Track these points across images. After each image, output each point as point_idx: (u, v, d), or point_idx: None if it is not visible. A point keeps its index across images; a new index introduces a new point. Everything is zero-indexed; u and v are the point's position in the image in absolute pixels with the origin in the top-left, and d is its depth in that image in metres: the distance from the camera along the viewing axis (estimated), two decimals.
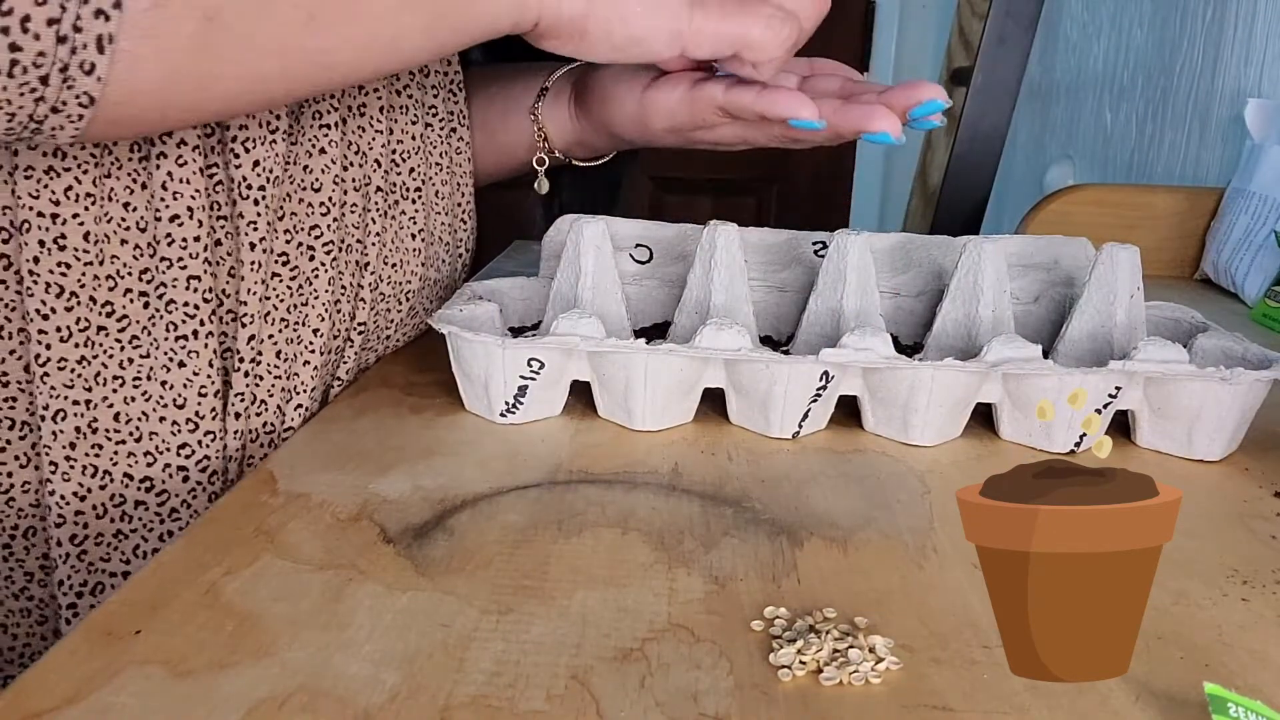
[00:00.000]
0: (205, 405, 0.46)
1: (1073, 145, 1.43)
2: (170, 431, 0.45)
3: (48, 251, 0.42)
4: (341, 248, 0.50)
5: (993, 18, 1.04)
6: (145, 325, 0.44)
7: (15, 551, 0.46)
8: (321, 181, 0.48)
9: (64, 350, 0.43)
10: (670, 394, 0.47)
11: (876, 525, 0.39)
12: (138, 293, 0.44)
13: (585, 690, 0.28)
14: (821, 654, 0.30)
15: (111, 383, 0.44)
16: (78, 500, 0.45)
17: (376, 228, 0.52)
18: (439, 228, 0.58)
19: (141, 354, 0.44)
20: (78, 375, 0.43)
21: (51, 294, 0.42)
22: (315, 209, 0.48)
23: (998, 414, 0.48)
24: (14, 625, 0.48)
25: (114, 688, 0.28)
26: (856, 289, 0.51)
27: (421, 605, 0.32)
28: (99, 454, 0.45)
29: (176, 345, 0.45)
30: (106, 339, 0.44)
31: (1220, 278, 0.85)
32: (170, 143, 0.43)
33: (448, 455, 0.44)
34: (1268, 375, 0.44)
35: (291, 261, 0.48)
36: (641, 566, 0.35)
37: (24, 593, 0.47)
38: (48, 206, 0.42)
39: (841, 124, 0.49)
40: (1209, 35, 1.09)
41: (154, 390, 0.45)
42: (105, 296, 0.43)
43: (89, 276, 0.43)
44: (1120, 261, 0.49)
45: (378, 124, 0.51)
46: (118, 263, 0.43)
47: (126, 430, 0.45)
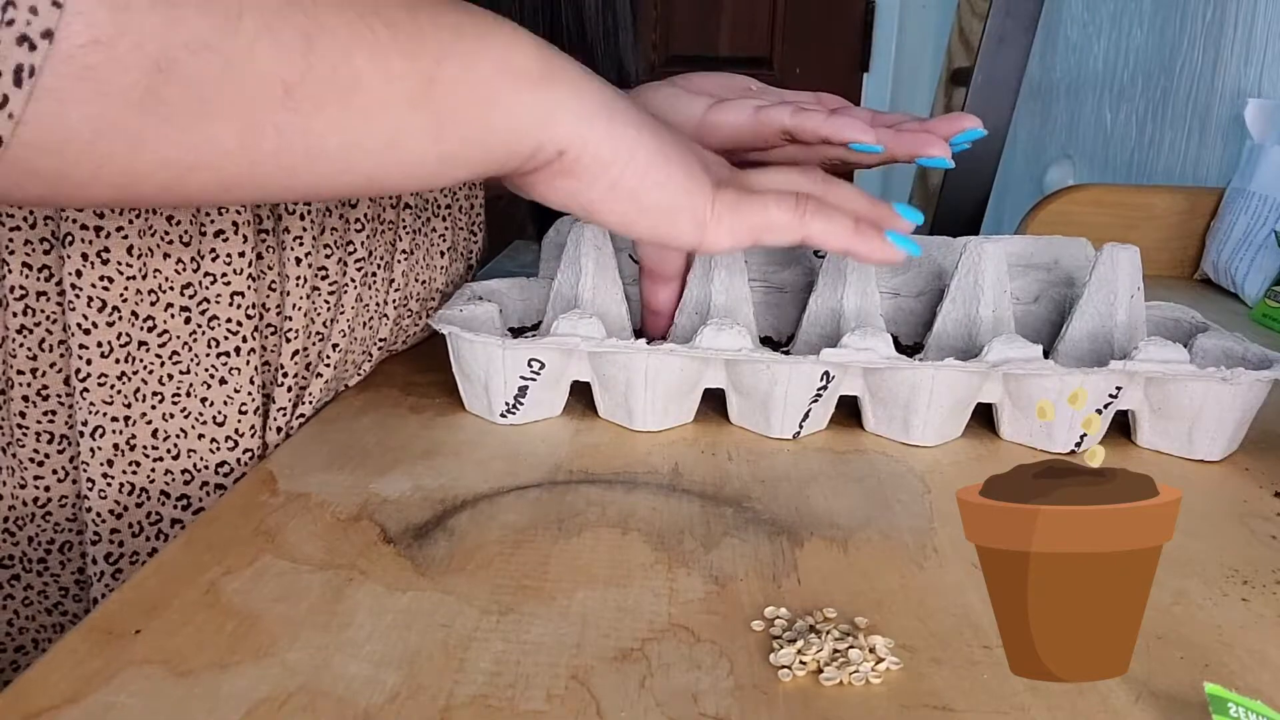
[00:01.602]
0: (245, 423, 0.45)
1: (1073, 145, 1.43)
2: (209, 449, 0.45)
3: (90, 265, 0.41)
4: (374, 264, 0.50)
5: (993, 18, 1.04)
6: (186, 341, 0.44)
7: (51, 566, 0.46)
8: (359, 198, 0.48)
9: (104, 365, 0.42)
10: (671, 394, 0.47)
11: (877, 525, 0.39)
12: (179, 308, 0.43)
13: (585, 690, 0.28)
14: (822, 654, 0.30)
15: (151, 399, 0.44)
16: (114, 518, 0.44)
17: (404, 245, 0.52)
18: (461, 243, 0.58)
19: (182, 370, 0.44)
20: (117, 391, 0.43)
21: (94, 308, 0.42)
22: (351, 225, 0.48)
23: (998, 414, 0.48)
24: (45, 641, 0.48)
25: (114, 687, 0.28)
26: (856, 289, 0.51)
27: (421, 605, 0.32)
28: (136, 471, 0.44)
29: (218, 361, 0.44)
30: (147, 354, 0.43)
31: (1220, 278, 0.85)
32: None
33: (448, 455, 0.44)
34: (1268, 375, 0.44)
35: (330, 276, 0.48)
36: (642, 566, 0.35)
37: (58, 608, 0.47)
38: (91, 219, 0.41)
39: (898, 150, 0.51)
40: (1209, 35, 1.09)
41: (193, 407, 0.44)
42: (147, 311, 0.43)
43: (131, 291, 0.42)
44: (1120, 261, 0.49)
45: None
46: (159, 277, 0.43)
47: (164, 448, 0.44)
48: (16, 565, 0.46)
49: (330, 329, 0.49)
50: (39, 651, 0.48)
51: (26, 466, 0.44)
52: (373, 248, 0.50)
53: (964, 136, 0.53)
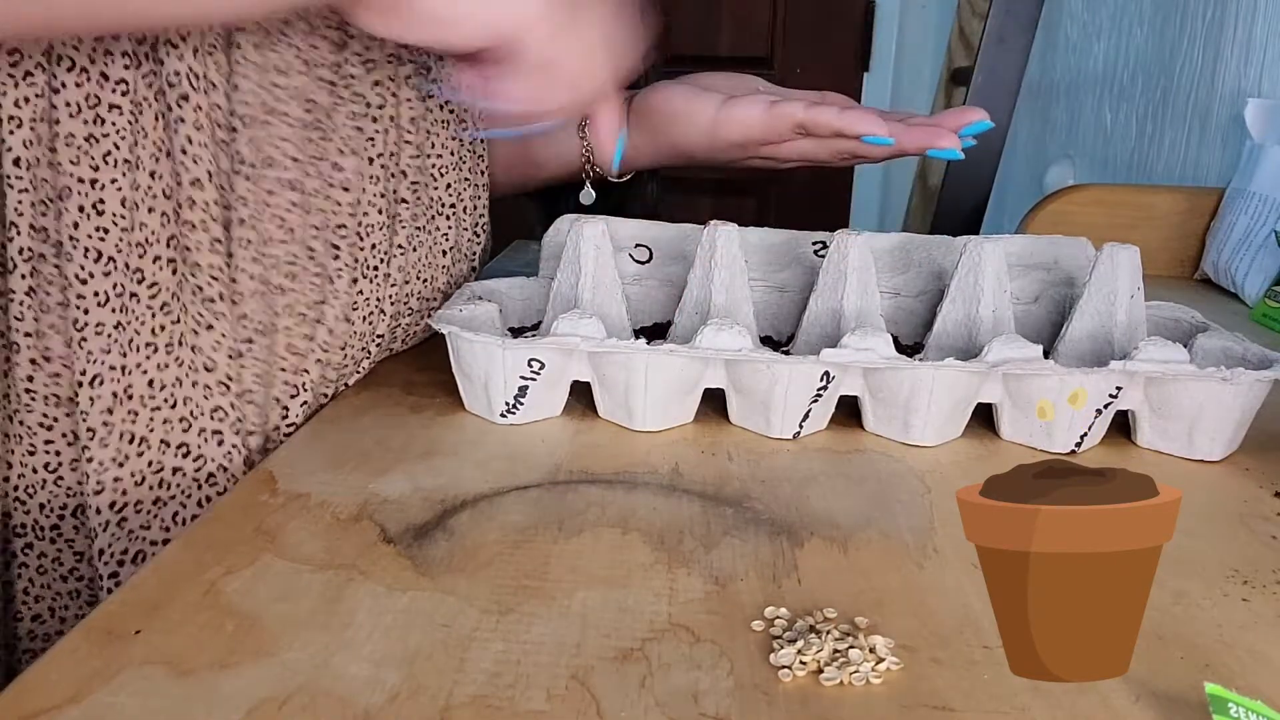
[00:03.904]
0: (234, 367, 0.47)
1: (1073, 145, 1.43)
2: (203, 395, 0.46)
3: (86, 217, 0.43)
4: (376, 255, 0.51)
5: (993, 18, 1.04)
6: (174, 291, 0.45)
7: (64, 531, 0.47)
8: (351, 182, 0.49)
9: (101, 315, 0.44)
10: (670, 394, 0.47)
11: (877, 525, 0.39)
12: (166, 259, 0.45)
13: (585, 690, 0.28)
14: (822, 654, 0.30)
15: (145, 349, 0.45)
16: (116, 466, 0.45)
17: (400, 239, 0.52)
18: (465, 244, 0.59)
19: (172, 320, 0.45)
20: (114, 340, 0.44)
21: (90, 259, 0.43)
22: (343, 208, 0.49)
23: (998, 414, 0.48)
24: (61, 609, 0.48)
25: (114, 688, 0.28)
26: (857, 289, 0.51)
27: (422, 605, 0.32)
28: (135, 420, 0.45)
29: (204, 308, 0.46)
30: (139, 306, 0.44)
31: (1220, 278, 0.85)
32: (188, 107, 0.43)
33: (448, 455, 0.44)
34: (1268, 375, 0.44)
35: (317, 257, 0.48)
36: (642, 566, 0.35)
37: (73, 573, 0.48)
38: (87, 173, 0.42)
39: (908, 142, 0.54)
40: (1209, 35, 1.09)
41: (185, 355, 0.46)
42: (137, 263, 0.44)
43: (125, 243, 0.44)
44: (1120, 261, 0.49)
45: (409, 135, 0.52)
46: (147, 229, 0.44)
47: (161, 396, 0.46)
48: (29, 533, 0.47)
49: (322, 311, 0.49)
50: (55, 619, 0.48)
51: (36, 432, 0.45)
52: (372, 239, 0.50)
53: (971, 129, 0.55)
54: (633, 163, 0.65)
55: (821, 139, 0.57)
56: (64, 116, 0.42)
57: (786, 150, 0.59)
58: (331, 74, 0.48)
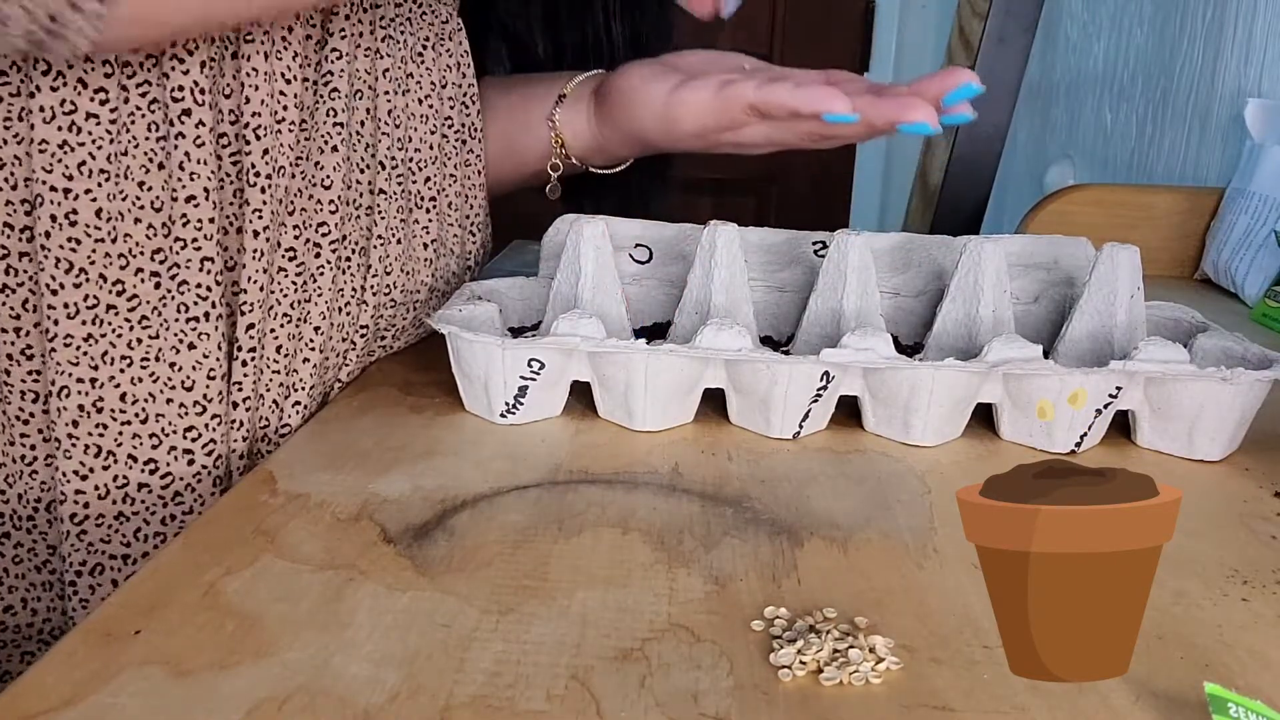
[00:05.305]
0: (214, 389, 0.46)
1: (1073, 145, 1.43)
2: (177, 414, 0.46)
3: (58, 226, 0.42)
4: (349, 248, 0.50)
5: (993, 18, 1.04)
6: (156, 306, 0.44)
7: (38, 524, 0.47)
8: (332, 179, 0.48)
9: (70, 327, 0.43)
10: (670, 394, 0.47)
11: (877, 525, 0.39)
12: (149, 273, 0.44)
13: (585, 690, 0.28)
14: (822, 654, 0.30)
15: (119, 362, 0.44)
16: (79, 479, 0.45)
17: (380, 230, 0.52)
18: (450, 239, 0.58)
19: (151, 334, 0.45)
20: (83, 353, 0.44)
21: (60, 269, 0.43)
22: (324, 206, 0.49)
23: (998, 414, 0.48)
24: (34, 600, 0.48)
25: (113, 689, 0.28)
26: (857, 289, 0.51)
27: (421, 605, 0.32)
28: (103, 433, 0.45)
29: (187, 327, 0.45)
30: (116, 318, 0.44)
31: (1220, 278, 0.85)
32: (189, 122, 0.43)
33: (448, 455, 0.44)
34: (1268, 375, 0.44)
35: (299, 257, 0.48)
36: (642, 566, 0.35)
37: (46, 565, 0.47)
38: (60, 181, 0.42)
39: (875, 117, 0.47)
40: (1209, 35, 1.09)
41: (162, 372, 0.45)
42: (116, 275, 0.44)
43: (100, 254, 0.43)
44: (1120, 261, 0.49)
45: (386, 127, 0.52)
46: (130, 241, 0.43)
47: (133, 411, 0.45)
48: (7, 523, 0.47)
49: (307, 310, 0.49)
50: (26, 611, 0.48)
51: (13, 424, 0.45)
52: (346, 231, 0.50)
53: (959, 94, 0.48)
54: (605, 151, 0.61)
55: (781, 121, 0.51)
56: (38, 121, 0.41)
57: (748, 136, 0.53)
58: (314, 73, 0.47)
